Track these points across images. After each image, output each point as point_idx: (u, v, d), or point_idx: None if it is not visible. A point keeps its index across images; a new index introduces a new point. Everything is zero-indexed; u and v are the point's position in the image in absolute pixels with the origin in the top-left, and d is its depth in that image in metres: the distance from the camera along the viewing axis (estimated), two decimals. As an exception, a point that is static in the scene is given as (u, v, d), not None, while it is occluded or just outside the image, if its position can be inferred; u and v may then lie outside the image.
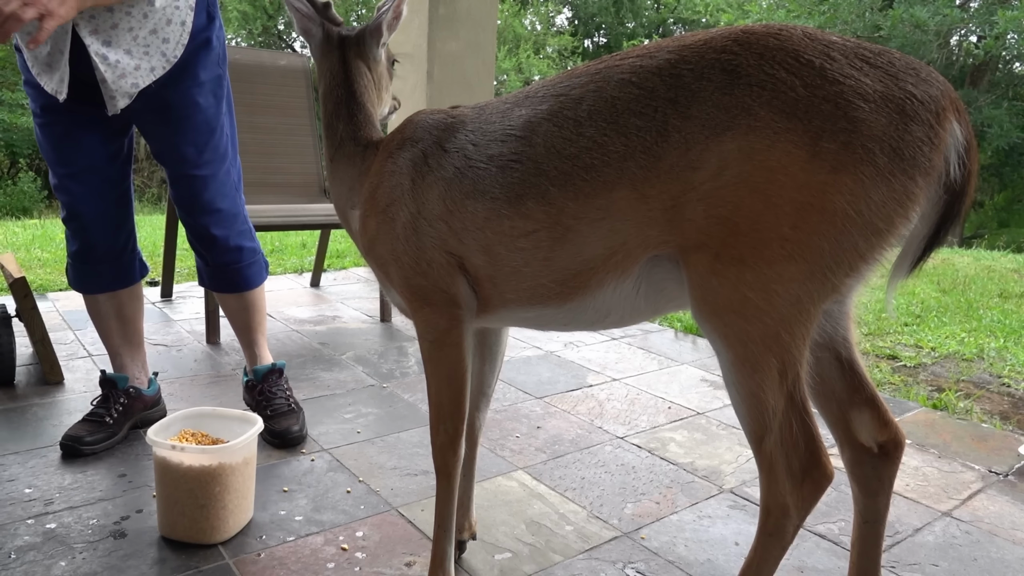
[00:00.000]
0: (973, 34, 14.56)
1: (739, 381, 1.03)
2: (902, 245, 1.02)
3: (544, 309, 1.20)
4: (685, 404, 2.50)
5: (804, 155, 0.93)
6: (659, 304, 1.16)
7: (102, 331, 2.14)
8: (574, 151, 1.07)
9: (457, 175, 1.20)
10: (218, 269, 2.12)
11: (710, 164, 0.97)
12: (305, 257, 4.75)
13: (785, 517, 1.06)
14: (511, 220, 1.14)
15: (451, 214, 1.20)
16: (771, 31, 0.98)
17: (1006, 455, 2.18)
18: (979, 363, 3.13)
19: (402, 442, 2.10)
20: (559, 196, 1.09)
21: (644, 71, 1.04)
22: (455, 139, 1.23)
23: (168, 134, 1.93)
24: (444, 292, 1.24)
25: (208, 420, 1.71)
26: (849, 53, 0.95)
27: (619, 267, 1.09)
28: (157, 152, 1.99)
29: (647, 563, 1.56)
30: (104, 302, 2.08)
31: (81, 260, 2.02)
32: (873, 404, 1.17)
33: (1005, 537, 1.72)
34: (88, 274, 2.05)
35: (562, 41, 20.21)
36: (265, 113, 3.67)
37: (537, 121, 1.12)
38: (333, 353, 2.91)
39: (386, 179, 1.30)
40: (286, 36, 19.81)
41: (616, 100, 1.05)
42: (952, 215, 0.99)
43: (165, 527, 1.57)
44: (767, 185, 0.95)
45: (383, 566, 1.51)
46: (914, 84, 0.94)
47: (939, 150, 0.95)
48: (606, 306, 1.16)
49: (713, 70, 0.98)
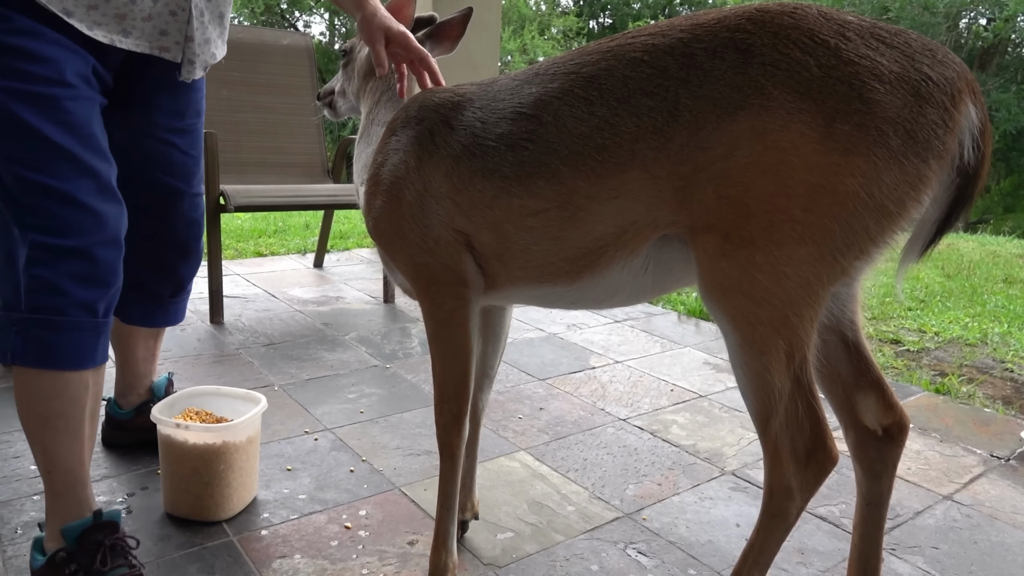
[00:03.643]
0: (983, 16, 14.41)
1: (746, 363, 1.02)
2: (913, 228, 1.01)
3: (553, 287, 1.20)
4: (687, 387, 2.50)
5: (817, 136, 0.92)
6: (666, 284, 1.16)
7: (71, 438, 1.31)
8: (585, 130, 1.06)
9: (465, 153, 1.19)
10: (174, 305, 1.77)
11: (721, 144, 0.96)
12: (308, 238, 4.75)
13: (789, 499, 1.06)
14: (520, 199, 1.13)
15: (458, 192, 1.19)
16: (786, 10, 0.97)
17: (1008, 440, 2.18)
18: (982, 348, 3.13)
19: (405, 422, 2.11)
20: (570, 176, 1.08)
21: (656, 50, 1.03)
22: (462, 117, 1.22)
23: (177, 139, 1.59)
24: (450, 270, 1.23)
25: (212, 399, 1.71)
26: (865, 33, 0.94)
27: (628, 246, 1.09)
28: (153, 159, 1.57)
29: (648, 544, 1.57)
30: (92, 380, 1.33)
31: (101, 302, 1.30)
32: (878, 387, 1.17)
33: (1005, 521, 1.72)
34: None
35: (567, 22, 20.03)
36: (268, 92, 3.65)
37: (548, 99, 1.11)
38: (336, 334, 2.91)
39: (391, 157, 1.29)
40: (289, 15, 19.67)
41: (628, 79, 1.04)
42: (964, 199, 0.98)
43: (169, 505, 1.58)
44: (779, 166, 0.94)
45: (386, 544, 1.52)
46: (930, 66, 0.92)
47: (953, 133, 0.93)
48: (614, 285, 1.16)
49: (726, 49, 0.97)
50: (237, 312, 3.12)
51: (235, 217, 5.35)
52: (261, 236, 4.85)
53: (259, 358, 2.58)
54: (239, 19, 18.00)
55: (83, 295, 1.25)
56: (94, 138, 1.30)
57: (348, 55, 1.68)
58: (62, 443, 1.29)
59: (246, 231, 4.96)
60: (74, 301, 1.24)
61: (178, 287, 1.73)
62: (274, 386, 2.33)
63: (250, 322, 3.00)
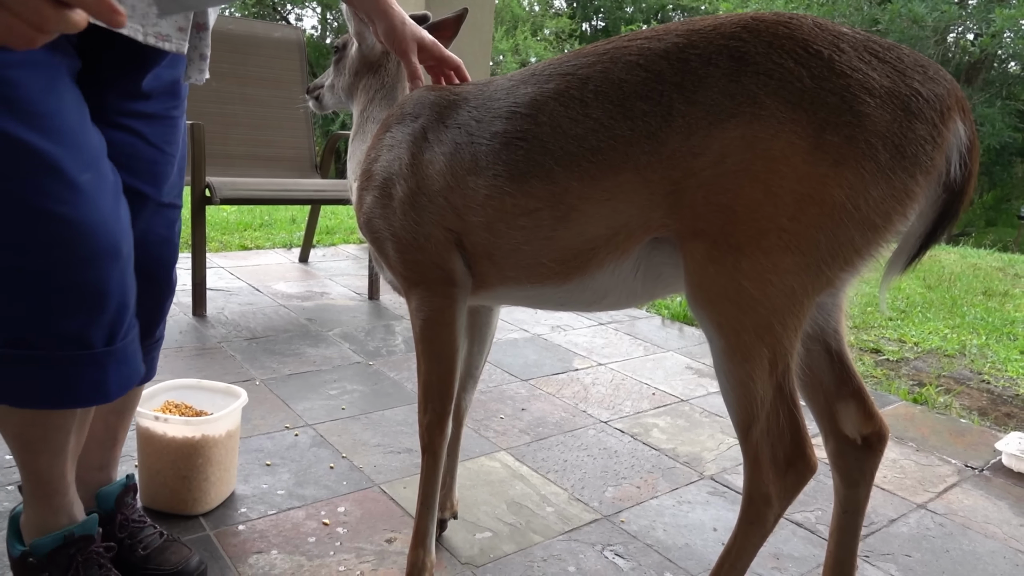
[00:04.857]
0: (970, 31, 14.58)
1: (729, 369, 1.03)
2: (898, 242, 1.02)
3: (543, 288, 1.20)
4: (669, 391, 2.52)
5: (807, 146, 0.93)
6: (655, 289, 1.17)
7: (52, 456, 1.16)
8: (580, 132, 1.07)
9: (458, 151, 1.19)
10: (147, 353, 1.31)
11: (712, 151, 0.97)
12: (294, 232, 4.73)
13: (767, 506, 1.07)
14: (513, 198, 1.13)
15: (451, 190, 1.19)
16: (781, 19, 0.98)
17: (982, 450, 2.21)
18: (960, 359, 3.16)
19: (386, 420, 2.11)
20: (564, 176, 1.08)
21: (652, 54, 1.03)
22: (457, 115, 1.22)
23: (141, 126, 1.21)
24: (440, 269, 1.24)
25: (192, 392, 1.70)
26: (859, 46, 0.95)
27: (619, 248, 1.10)
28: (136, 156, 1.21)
29: (626, 546, 1.58)
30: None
31: (103, 329, 1.07)
32: (859, 397, 1.18)
33: (977, 530, 1.75)
34: (127, 356, 1.12)
35: (560, 23, 20.07)
36: (257, 85, 3.62)
37: (543, 100, 1.11)
38: (320, 329, 2.90)
39: (384, 153, 1.29)
40: (280, 7, 19.56)
41: (623, 82, 1.04)
42: (950, 214, 0.99)
43: (146, 497, 1.57)
44: (768, 175, 0.95)
45: (364, 541, 1.52)
46: (921, 82, 0.93)
47: (941, 149, 0.94)
48: (604, 287, 1.16)
49: (721, 56, 0.98)
50: (220, 305, 3.10)
51: (221, 209, 5.32)
52: (247, 229, 4.82)
53: (241, 352, 2.56)
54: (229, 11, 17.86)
55: (64, 324, 1.03)
56: (57, 117, 1.00)
57: (341, 52, 1.68)
58: (41, 461, 1.15)
59: (231, 224, 4.93)
60: (53, 332, 1.02)
61: (144, 331, 1.25)
62: (255, 380, 2.31)
63: (233, 315, 2.98)
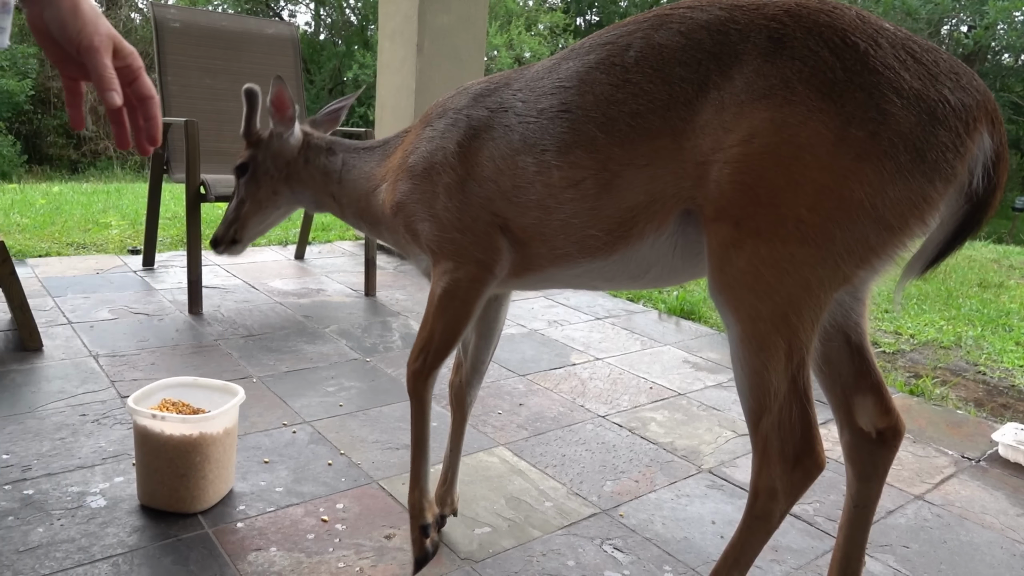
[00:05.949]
0: (964, 23, 14.59)
1: (745, 358, 1.04)
2: (920, 244, 1.01)
3: (592, 263, 1.23)
4: (667, 385, 2.52)
5: (832, 138, 0.93)
6: (696, 268, 1.18)
7: None
8: (621, 97, 1.10)
9: (507, 133, 1.23)
10: None
11: (742, 128, 0.98)
12: (290, 229, 4.71)
13: (773, 501, 1.07)
14: (560, 171, 1.16)
15: (501, 173, 1.23)
16: (824, 7, 0.99)
17: (979, 441, 2.22)
18: (956, 351, 3.17)
19: (384, 416, 2.10)
20: (606, 143, 1.11)
21: (694, 23, 1.05)
22: (500, 99, 1.26)
23: None
24: (481, 248, 1.27)
25: (189, 390, 1.70)
26: (897, 44, 0.95)
27: (656, 218, 1.12)
28: None
29: (624, 540, 1.58)
30: None
31: None
32: (877, 391, 1.19)
33: (975, 521, 1.75)
34: None
35: (554, 18, 20.00)
36: (251, 82, 3.60)
37: (585, 70, 1.15)
38: (317, 326, 2.90)
39: (423, 145, 1.34)
40: (273, 3, 19.47)
41: (663, 48, 1.07)
42: (971, 224, 0.98)
43: (145, 496, 1.57)
44: (792, 161, 0.95)
45: (362, 537, 1.52)
46: (951, 89, 0.93)
47: (964, 159, 0.94)
48: (646, 260, 1.18)
49: (760, 35, 0.99)
50: (216, 303, 3.09)
51: (215, 207, 5.29)
52: (242, 227, 4.80)
53: (238, 349, 2.56)
54: (223, 7, 17.79)
55: None
56: None
57: (250, 165, 1.65)
58: None
59: (227, 221, 4.91)
60: None
61: None
62: (252, 378, 2.31)
63: (229, 313, 2.97)
